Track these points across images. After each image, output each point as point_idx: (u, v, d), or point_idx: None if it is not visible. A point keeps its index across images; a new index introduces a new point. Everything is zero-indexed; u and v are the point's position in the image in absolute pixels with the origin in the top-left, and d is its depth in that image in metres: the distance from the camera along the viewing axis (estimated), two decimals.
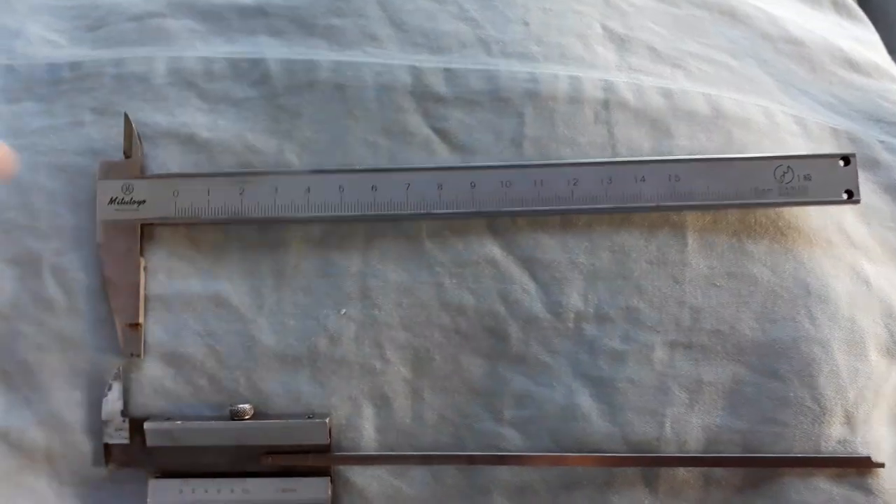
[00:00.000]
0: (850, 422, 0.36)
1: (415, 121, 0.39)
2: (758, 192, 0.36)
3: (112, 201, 0.37)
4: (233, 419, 0.36)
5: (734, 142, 0.39)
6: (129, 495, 0.37)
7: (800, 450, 0.36)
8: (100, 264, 0.37)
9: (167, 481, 0.36)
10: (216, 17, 0.42)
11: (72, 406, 0.37)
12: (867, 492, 0.35)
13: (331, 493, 0.36)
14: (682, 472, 0.36)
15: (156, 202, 0.37)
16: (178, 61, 0.40)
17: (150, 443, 0.36)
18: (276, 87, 0.39)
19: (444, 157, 0.38)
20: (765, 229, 0.38)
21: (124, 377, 0.37)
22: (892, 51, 0.49)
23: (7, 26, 0.42)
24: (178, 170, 0.38)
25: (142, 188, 0.37)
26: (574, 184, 0.37)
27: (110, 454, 0.36)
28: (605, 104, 0.39)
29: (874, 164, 0.41)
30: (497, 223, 0.38)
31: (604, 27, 0.42)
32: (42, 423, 0.37)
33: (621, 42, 0.42)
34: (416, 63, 0.40)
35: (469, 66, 0.40)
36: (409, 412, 0.37)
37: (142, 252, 0.37)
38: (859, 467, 0.35)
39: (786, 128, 0.40)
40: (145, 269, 0.37)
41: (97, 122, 0.39)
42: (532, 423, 0.36)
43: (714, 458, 0.36)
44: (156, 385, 0.37)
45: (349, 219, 0.37)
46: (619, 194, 0.36)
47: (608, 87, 0.39)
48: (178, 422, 0.36)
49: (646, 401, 0.36)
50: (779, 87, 0.43)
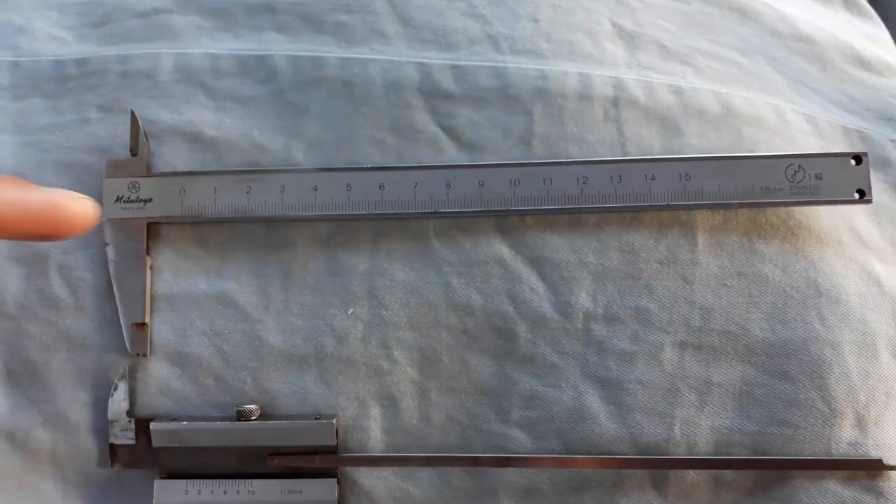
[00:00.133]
0: (860, 424, 0.36)
1: (422, 118, 0.39)
2: (768, 192, 0.36)
3: (118, 199, 0.37)
4: (239, 420, 0.35)
5: (745, 140, 0.39)
6: (135, 496, 0.36)
7: (810, 452, 0.35)
8: (106, 263, 0.37)
9: (173, 482, 0.36)
10: (223, 14, 0.41)
11: (77, 406, 0.37)
12: (878, 494, 0.35)
13: (338, 494, 0.36)
14: (691, 474, 0.36)
15: (162, 201, 0.37)
16: (185, 58, 0.40)
17: (156, 443, 0.36)
18: (283, 83, 0.39)
19: (452, 154, 0.38)
20: (775, 229, 0.37)
21: (130, 377, 0.36)
22: None
23: (13, 22, 0.42)
24: (185, 168, 0.38)
25: (148, 186, 0.37)
26: (583, 182, 0.36)
27: (116, 454, 0.36)
28: (615, 102, 0.39)
29: (885, 164, 0.40)
30: (505, 222, 0.37)
31: (613, 24, 0.42)
32: (47, 422, 0.37)
33: (631, 39, 0.41)
34: (425, 60, 0.40)
35: (478, 63, 0.39)
36: (417, 413, 0.37)
37: (148, 251, 0.37)
38: (870, 470, 0.35)
39: (797, 126, 0.40)
40: (151, 268, 0.37)
41: (103, 120, 0.39)
42: (540, 424, 0.36)
43: (724, 460, 0.36)
44: (162, 385, 0.37)
45: (356, 217, 0.37)
46: (629, 193, 0.36)
47: (618, 84, 0.39)
48: (184, 422, 0.36)
49: (655, 402, 0.36)
50: (789, 85, 0.42)
